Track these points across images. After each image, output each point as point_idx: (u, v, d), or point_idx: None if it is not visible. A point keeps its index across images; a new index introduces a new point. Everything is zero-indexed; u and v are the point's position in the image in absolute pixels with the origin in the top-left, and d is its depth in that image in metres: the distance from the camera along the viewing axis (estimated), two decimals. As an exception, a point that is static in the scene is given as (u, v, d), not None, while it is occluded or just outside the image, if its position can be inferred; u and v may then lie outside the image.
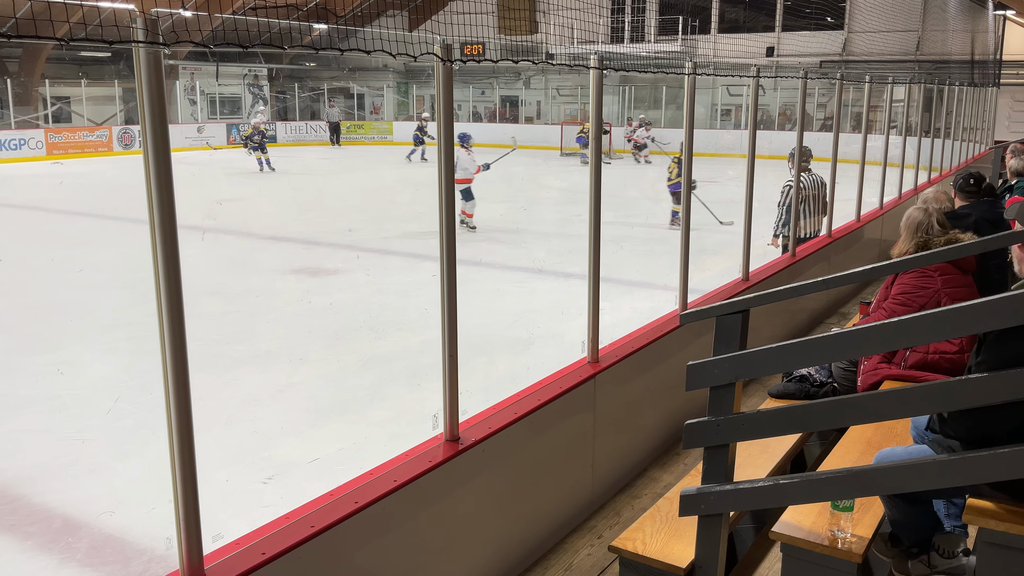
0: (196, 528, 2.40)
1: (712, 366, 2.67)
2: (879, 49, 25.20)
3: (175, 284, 2.27)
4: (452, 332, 3.24)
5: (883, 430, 3.61)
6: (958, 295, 4.06)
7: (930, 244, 4.18)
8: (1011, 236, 3.12)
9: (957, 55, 20.48)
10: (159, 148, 2.20)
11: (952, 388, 2.39)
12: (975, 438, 2.63)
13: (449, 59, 3.05)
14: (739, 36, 29.66)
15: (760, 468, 3.59)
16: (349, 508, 2.80)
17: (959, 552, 3.26)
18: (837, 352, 2.70)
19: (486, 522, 3.51)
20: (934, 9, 22.28)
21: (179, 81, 30.67)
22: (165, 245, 2.24)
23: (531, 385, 3.94)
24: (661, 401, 4.90)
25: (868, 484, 2.54)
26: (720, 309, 2.75)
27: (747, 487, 2.71)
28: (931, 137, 13.69)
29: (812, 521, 2.94)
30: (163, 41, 2.14)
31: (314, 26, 21.49)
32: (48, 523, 4.34)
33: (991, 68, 23.33)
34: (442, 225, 3.17)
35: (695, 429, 2.74)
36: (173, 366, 2.30)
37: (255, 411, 5.85)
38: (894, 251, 4.40)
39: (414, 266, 10.62)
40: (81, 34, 2.17)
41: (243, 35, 2.48)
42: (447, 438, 3.31)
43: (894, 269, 3.85)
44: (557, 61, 14.79)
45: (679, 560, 3.01)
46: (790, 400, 4.27)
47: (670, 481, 4.51)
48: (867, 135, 9.61)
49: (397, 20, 31.19)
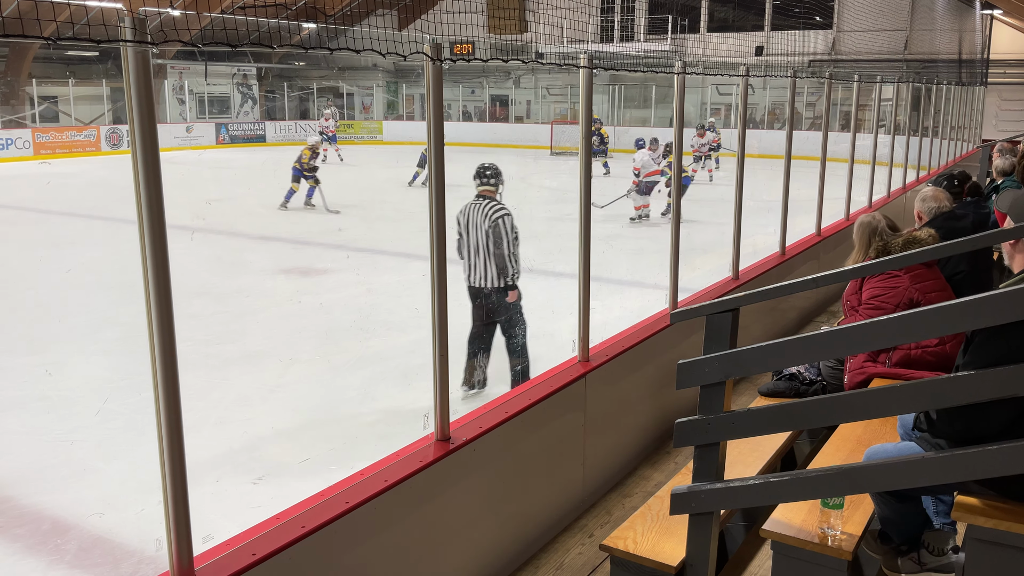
0: (186, 529, 2.39)
1: (702, 365, 2.68)
2: (867, 48, 25.30)
3: (164, 284, 2.26)
4: (443, 331, 3.24)
5: (872, 428, 3.62)
6: (927, 288, 4.15)
7: (890, 247, 4.24)
8: (1000, 234, 3.13)
9: (945, 54, 20.58)
10: (147, 148, 2.19)
11: (941, 386, 2.40)
12: (962, 439, 2.65)
13: (439, 58, 3.05)
14: (728, 35, 29.73)
15: (750, 466, 3.60)
16: (340, 508, 2.80)
17: (948, 549, 3.27)
18: (826, 350, 2.70)
19: (477, 521, 3.51)
20: (922, 8, 22.37)
21: (167, 80, 30.52)
22: (154, 245, 2.23)
23: (521, 384, 3.95)
24: (652, 400, 4.91)
25: (858, 482, 2.55)
26: (710, 308, 2.76)
27: (737, 485, 2.72)
28: (919, 136, 13.76)
29: (802, 519, 2.95)
30: (151, 40, 2.13)
31: (303, 25, 21.44)
32: (37, 525, 4.32)
33: (979, 67, 23.46)
34: (432, 225, 3.17)
35: (685, 428, 2.74)
36: (162, 367, 2.29)
37: (245, 411, 5.83)
38: (849, 262, 4.44)
39: (404, 266, 10.60)
40: (69, 33, 2.16)
41: (232, 34, 2.47)
42: (438, 438, 3.31)
43: (884, 268, 3.88)
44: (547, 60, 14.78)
45: (670, 558, 3.02)
46: (780, 398, 4.29)
47: (661, 480, 4.52)
48: (856, 134, 9.65)
49: (387, 19, 31.14)
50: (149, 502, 3.72)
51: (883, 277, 4.22)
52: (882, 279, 4.23)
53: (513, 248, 5.58)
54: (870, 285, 4.27)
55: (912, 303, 4.04)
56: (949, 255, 4.74)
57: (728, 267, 6.35)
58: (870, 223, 4.43)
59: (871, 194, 10.35)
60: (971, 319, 2.32)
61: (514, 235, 5.60)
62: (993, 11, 24.13)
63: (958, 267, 5.01)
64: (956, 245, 3.07)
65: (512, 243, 5.57)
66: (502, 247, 5.54)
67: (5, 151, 24.41)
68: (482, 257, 5.58)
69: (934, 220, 5.26)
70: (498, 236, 5.54)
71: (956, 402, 2.41)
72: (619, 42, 30.00)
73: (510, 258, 5.56)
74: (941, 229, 4.80)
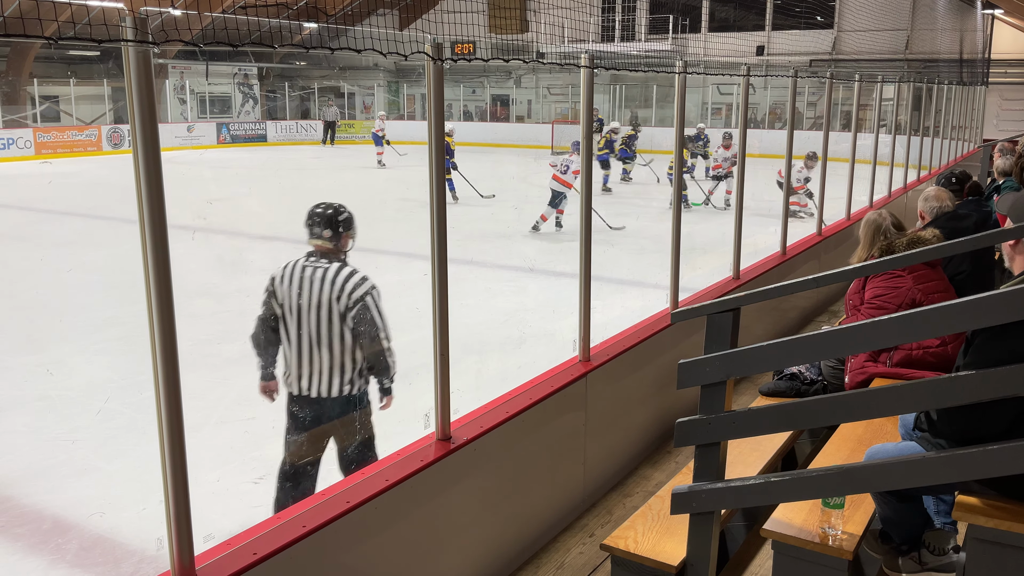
0: (187, 528, 2.39)
1: (703, 364, 2.68)
2: (868, 48, 25.29)
3: (165, 284, 2.26)
4: (443, 331, 3.24)
5: (873, 428, 3.62)
6: (930, 289, 4.14)
7: (893, 246, 4.24)
8: (1000, 234, 3.13)
9: (946, 54, 20.56)
10: (148, 147, 2.19)
11: (942, 385, 2.40)
12: (962, 439, 2.65)
13: (440, 58, 3.05)
14: (729, 35, 29.72)
15: (751, 466, 3.59)
16: (341, 508, 2.80)
17: (949, 548, 3.27)
18: (827, 350, 2.70)
19: (478, 521, 3.51)
20: (923, 8, 22.37)
21: (168, 80, 30.53)
22: (155, 245, 2.23)
23: (522, 384, 3.95)
24: (652, 399, 4.90)
25: (858, 481, 2.55)
26: (711, 307, 2.76)
27: (738, 485, 2.72)
28: (920, 136, 13.75)
29: (803, 518, 2.95)
30: (152, 40, 2.13)
31: (304, 25, 21.45)
32: (38, 524, 4.32)
33: (979, 67, 23.43)
34: (433, 224, 3.17)
35: (686, 427, 2.74)
36: (163, 366, 2.29)
37: (246, 411, 5.81)
38: (853, 259, 4.44)
39: (405, 265, 10.59)
40: (70, 33, 2.16)
41: (233, 34, 2.47)
42: (439, 437, 3.31)
43: (885, 267, 3.87)
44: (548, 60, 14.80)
45: (671, 558, 3.01)
46: (781, 398, 4.28)
47: (661, 479, 4.52)
48: (857, 134, 9.64)
49: (388, 19, 31.15)
50: (150, 501, 3.73)
51: (886, 277, 4.21)
52: (885, 279, 4.22)
53: (387, 332, 3.80)
54: (873, 285, 4.27)
55: (914, 304, 4.04)
56: (951, 255, 4.75)
57: (729, 267, 6.34)
58: (876, 221, 4.42)
59: (872, 194, 10.34)
60: (972, 319, 2.32)
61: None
62: (994, 11, 24.12)
63: (960, 267, 5.01)
64: (957, 245, 3.07)
65: (386, 327, 3.78)
66: (377, 338, 3.74)
67: (6, 151, 24.41)
68: (326, 352, 3.74)
69: (937, 220, 5.26)
70: (367, 321, 3.71)
71: (957, 402, 2.41)
72: (620, 42, 29.99)
73: (389, 349, 3.81)
74: (944, 229, 4.80)
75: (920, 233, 4.37)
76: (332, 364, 3.75)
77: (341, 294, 3.68)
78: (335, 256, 3.77)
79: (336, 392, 3.79)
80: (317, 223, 3.76)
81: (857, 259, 4.42)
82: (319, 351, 3.74)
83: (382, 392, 3.86)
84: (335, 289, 3.69)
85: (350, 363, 3.77)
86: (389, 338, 3.79)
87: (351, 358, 3.76)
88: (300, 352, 3.77)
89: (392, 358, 3.81)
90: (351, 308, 3.67)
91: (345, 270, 3.73)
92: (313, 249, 3.79)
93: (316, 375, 3.77)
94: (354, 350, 3.74)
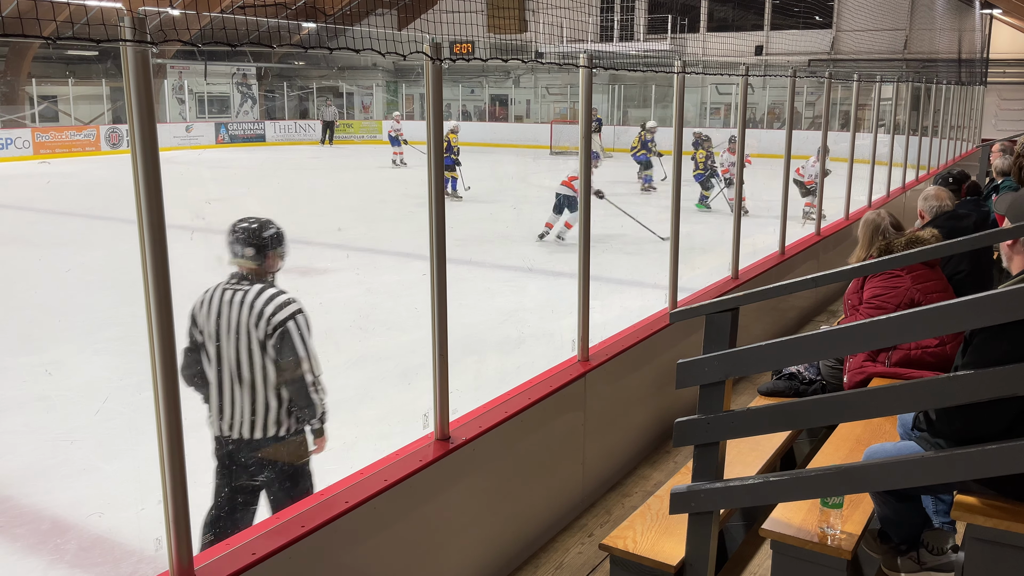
0: (186, 528, 2.39)
1: (702, 364, 2.68)
2: (867, 48, 25.30)
3: (164, 284, 2.26)
4: (442, 331, 3.24)
5: (872, 427, 3.63)
6: (929, 289, 4.14)
7: (892, 246, 4.24)
8: (998, 234, 3.14)
9: (944, 54, 20.57)
10: (147, 147, 2.19)
11: (940, 385, 2.40)
12: (961, 438, 2.65)
13: (439, 58, 3.05)
14: (728, 35, 29.72)
15: (750, 466, 3.60)
16: (339, 508, 2.80)
17: (948, 548, 3.28)
18: (826, 350, 2.71)
19: (477, 521, 3.51)
20: (921, 8, 22.37)
21: (167, 80, 30.50)
22: (153, 245, 2.23)
23: (521, 384, 3.95)
24: (651, 399, 4.91)
25: (857, 481, 2.55)
26: (710, 307, 2.76)
27: (737, 484, 2.72)
28: (919, 135, 13.76)
29: (802, 518, 2.95)
30: (151, 40, 2.13)
31: (303, 25, 21.43)
32: (37, 524, 4.32)
33: (978, 67, 23.45)
34: (432, 224, 3.17)
35: (685, 427, 2.74)
36: (162, 366, 2.29)
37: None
38: (852, 259, 4.44)
39: (404, 265, 10.60)
40: (68, 33, 2.16)
41: (231, 34, 2.47)
42: (437, 437, 3.31)
43: (883, 267, 3.88)
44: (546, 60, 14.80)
45: (670, 558, 3.02)
46: (779, 398, 4.28)
47: (660, 479, 4.52)
48: (855, 133, 9.65)
49: (386, 19, 31.13)
50: (149, 501, 3.73)
51: (885, 277, 4.22)
52: (884, 279, 4.22)
53: (315, 364, 3.32)
54: (871, 284, 4.27)
55: (913, 303, 4.04)
56: (949, 255, 4.75)
57: (728, 266, 6.35)
58: (875, 220, 4.42)
59: (871, 193, 10.35)
60: (970, 319, 2.32)
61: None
62: (992, 11, 24.12)
63: (959, 267, 5.02)
64: (956, 244, 3.07)
65: (313, 358, 3.31)
66: (299, 369, 3.27)
67: (5, 151, 24.38)
68: (247, 387, 3.28)
69: (936, 219, 5.26)
70: (289, 349, 3.24)
71: (956, 401, 2.41)
72: (619, 41, 29.99)
73: (316, 384, 3.33)
74: (943, 228, 4.81)
75: (918, 233, 4.37)
76: (255, 401, 3.26)
77: (260, 319, 3.21)
78: (260, 278, 3.35)
79: (260, 434, 3.30)
80: (239, 240, 3.38)
81: (856, 259, 4.43)
82: (239, 386, 3.26)
83: (313, 433, 3.41)
84: (253, 314, 3.22)
85: (275, 400, 3.28)
86: (316, 371, 3.30)
87: (275, 394, 3.27)
88: (221, 388, 3.29)
89: (320, 395, 3.33)
90: (271, 336, 3.20)
91: (267, 292, 3.28)
92: (241, 270, 3.36)
93: (238, 414, 3.29)
94: (278, 384, 3.26)
